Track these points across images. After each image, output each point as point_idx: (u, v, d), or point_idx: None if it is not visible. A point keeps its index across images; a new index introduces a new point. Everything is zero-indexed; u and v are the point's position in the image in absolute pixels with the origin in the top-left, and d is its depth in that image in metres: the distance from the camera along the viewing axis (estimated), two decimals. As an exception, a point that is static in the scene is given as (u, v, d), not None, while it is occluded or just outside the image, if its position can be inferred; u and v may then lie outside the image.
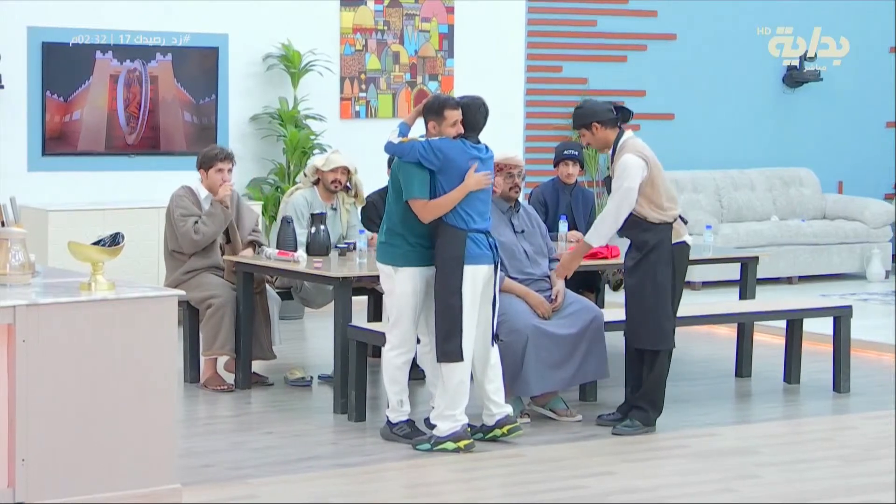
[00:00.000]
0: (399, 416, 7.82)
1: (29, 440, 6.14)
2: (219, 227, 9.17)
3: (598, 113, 7.91)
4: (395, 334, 7.74)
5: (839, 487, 7.10)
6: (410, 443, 7.72)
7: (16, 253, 6.53)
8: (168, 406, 6.50)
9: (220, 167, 9.24)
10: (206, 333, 9.13)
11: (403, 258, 7.67)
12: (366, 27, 13.11)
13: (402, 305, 7.68)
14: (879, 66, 15.61)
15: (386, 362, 7.80)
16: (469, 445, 7.64)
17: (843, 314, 9.41)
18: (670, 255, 7.94)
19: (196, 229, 9.10)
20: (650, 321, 7.96)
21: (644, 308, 7.96)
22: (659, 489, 7.02)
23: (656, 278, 7.93)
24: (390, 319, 7.77)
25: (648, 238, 7.90)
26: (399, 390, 7.79)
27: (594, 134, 7.94)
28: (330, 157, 9.70)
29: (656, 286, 7.93)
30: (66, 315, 6.22)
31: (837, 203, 15.06)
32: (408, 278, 7.66)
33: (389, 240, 7.72)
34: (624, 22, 14.47)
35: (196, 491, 6.75)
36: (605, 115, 7.89)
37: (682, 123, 14.73)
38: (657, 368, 8.04)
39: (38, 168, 11.69)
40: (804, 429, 8.39)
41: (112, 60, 11.86)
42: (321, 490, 6.93)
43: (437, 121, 7.65)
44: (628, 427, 8.03)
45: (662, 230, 7.91)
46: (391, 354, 7.76)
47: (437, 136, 7.64)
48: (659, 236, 7.90)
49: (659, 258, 7.91)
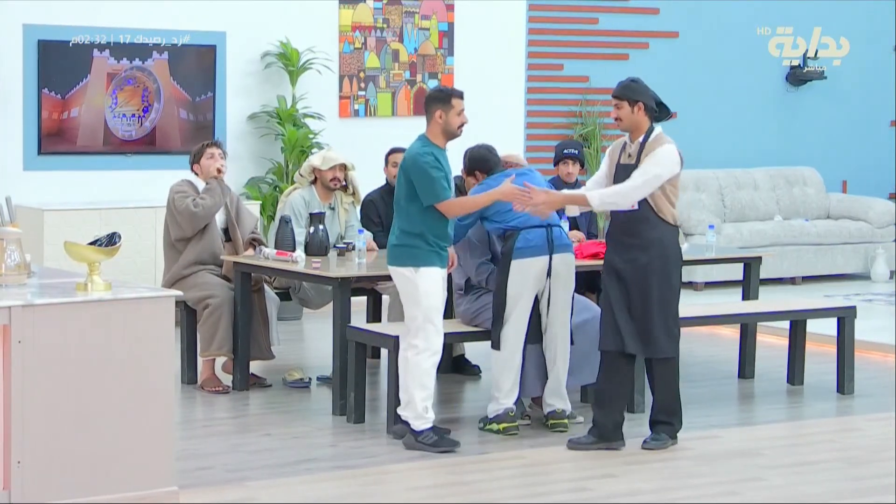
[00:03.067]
0: (424, 424, 7.64)
1: (25, 442, 6.10)
2: (217, 200, 9.13)
3: (648, 96, 7.75)
4: (422, 337, 7.60)
5: (843, 490, 7.06)
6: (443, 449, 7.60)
7: (11, 253, 6.50)
8: (165, 408, 6.46)
9: (211, 153, 9.25)
10: (203, 334, 9.09)
11: (424, 258, 7.59)
12: (365, 25, 13.05)
13: (428, 306, 7.58)
14: (882, 66, 15.58)
15: (413, 366, 7.62)
16: (510, 429, 7.93)
17: (847, 315, 9.36)
18: (680, 258, 7.74)
19: (195, 203, 9.07)
20: (661, 327, 7.63)
21: (657, 314, 7.61)
22: (662, 492, 6.98)
23: (671, 281, 7.64)
24: (414, 322, 7.62)
25: (660, 236, 7.60)
26: (426, 396, 7.64)
27: (633, 112, 7.70)
28: (327, 156, 9.66)
29: (669, 290, 7.64)
30: (62, 316, 6.18)
31: (841, 203, 15.03)
32: (430, 278, 7.58)
33: (405, 241, 7.61)
34: (625, 20, 14.43)
35: (193, 493, 6.72)
36: (651, 103, 7.75)
37: (684, 122, 14.67)
38: (671, 377, 7.73)
39: (33, 167, 11.64)
40: (808, 431, 8.35)
41: (109, 59, 11.81)
42: (320, 492, 6.89)
43: (444, 109, 7.66)
44: (657, 441, 7.74)
45: (674, 231, 7.68)
46: (420, 358, 7.61)
47: (443, 124, 7.64)
48: (670, 236, 7.65)
49: (672, 260, 7.64)
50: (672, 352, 7.70)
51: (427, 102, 7.76)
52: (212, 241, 9.23)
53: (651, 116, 7.70)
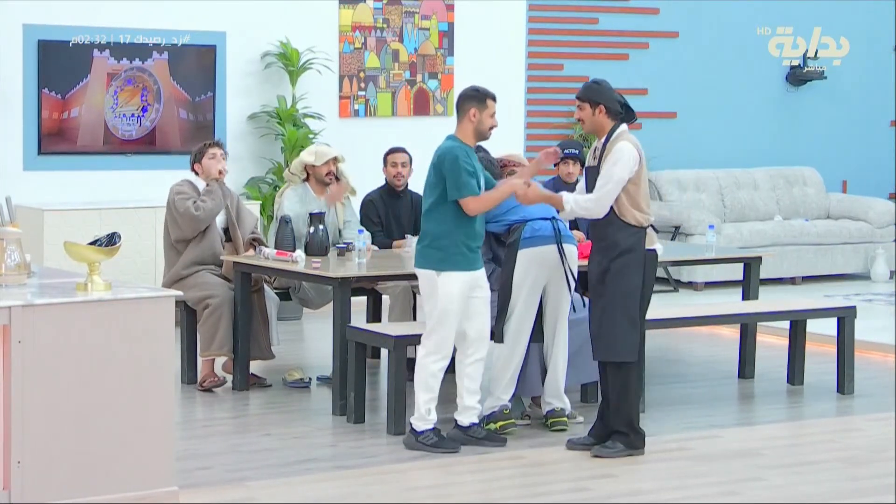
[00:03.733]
0: (425, 425, 7.65)
1: (25, 442, 6.10)
2: (218, 202, 9.13)
3: (610, 98, 7.70)
4: (434, 340, 7.61)
5: (843, 490, 7.05)
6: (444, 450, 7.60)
7: (11, 253, 6.49)
8: (165, 408, 6.45)
9: (213, 153, 9.27)
10: (203, 334, 9.09)
11: (448, 262, 7.55)
12: (365, 25, 13.05)
13: (442, 310, 7.56)
14: (882, 66, 15.57)
15: (421, 368, 7.64)
16: (506, 426, 7.91)
17: (848, 315, 9.36)
18: (642, 261, 7.54)
19: (196, 206, 9.07)
20: (617, 330, 7.52)
21: (613, 316, 7.51)
22: (661, 492, 6.97)
23: (628, 284, 7.50)
24: (428, 324, 7.63)
25: (621, 240, 7.49)
26: (430, 399, 7.65)
27: (594, 115, 7.68)
28: (319, 150, 9.65)
29: (627, 293, 7.50)
30: (62, 316, 6.18)
31: (841, 203, 15.02)
32: (450, 282, 7.55)
33: (434, 243, 7.58)
34: (626, 20, 14.43)
35: (193, 493, 6.71)
36: (614, 105, 7.68)
37: (684, 122, 14.70)
38: (623, 383, 7.53)
39: (33, 167, 11.64)
40: (808, 431, 8.34)
41: (109, 59, 11.80)
42: (320, 492, 6.89)
43: (479, 108, 7.67)
44: (608, 449, 7.54)
45: (637, 234, 7.52)
46: (427, 360, 7.62)
47: (476, 123, 7.66)
48: (633, 239, 7.50)
49: (631, 263, 7.49)
50: (627, 356, 7.52)
51: (462, 100, 7.73)
52: (212, 241, 9.23)
53: (614, 119, 7.63)
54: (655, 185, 14.35)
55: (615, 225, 7.51)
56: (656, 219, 13.95)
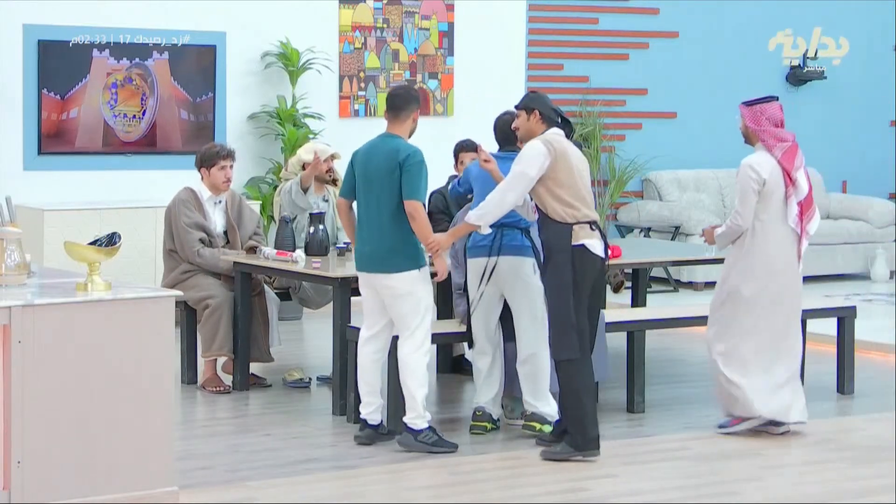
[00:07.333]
0: (423, 424, 7.62)
1: (25, 442, 6.10)
2: (214, 265, 9.16)
3: (545, 106, 7.63)
4: (420, 335, 7.62)
5: (843, 490, 7.05)
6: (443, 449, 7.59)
7: (11, 253, 6.49)
8: (165, 408, 6.45)
9: (223, 164, 9.26)
10: (203, 334, 9.09)
11: (420, 257, 7.65)
12: (365, 25, 13.05)
13: (428, 304, 7.68)
14: (882, 66, 15.57)
15: (415, 365, 7.60)
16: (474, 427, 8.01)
17: (847, 315, 9.36)
18: (570, 258, 7.41)
19: (200, 253, 9.11)
20: (553, 328, 7.47)
21: (553, 314, 7.46)
22: (661, 492, 6.97)
23: (559, 282, 7.42)
24: (412, 322, 7.60)
25: (550, 237, 7.45)
26: (426, 394, 7.67)
27: (528, 120, 7.58)
28: (318, 148, 9.67)
29: (559, 291, 7.43)
30: (63, 316, 6.18)
31: (841, 203, 15.02)
32: (426, 276, 7.68)
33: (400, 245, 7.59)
34: (625, 20, 14.43)
35: (194, 494, 6.71)
36: (550, 114, 7.62)
37: (684, 122, 14.69)
38: (565, 381, 7.43)
39: (33, 167, 11.63)
40: (808, 430, 8.33)
41: (109, 59, 11.80)
42: (320, 492, 6.89)
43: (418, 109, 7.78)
44: (552, 451, 7.47)
45: (563, 230, 7.41)
46: (418, 355, 7.61)
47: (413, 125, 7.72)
48: (559, 236, 7.41)
49: (559, 260, 7.42)
50: (564, 354, 7.44)
51: (405, 100, 7.73)
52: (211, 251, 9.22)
53: (549, 125, 7.59)
54: (655, 185, 14.35)
55: (545, 223, 7.51)
56: (657, 219, 13.99)
